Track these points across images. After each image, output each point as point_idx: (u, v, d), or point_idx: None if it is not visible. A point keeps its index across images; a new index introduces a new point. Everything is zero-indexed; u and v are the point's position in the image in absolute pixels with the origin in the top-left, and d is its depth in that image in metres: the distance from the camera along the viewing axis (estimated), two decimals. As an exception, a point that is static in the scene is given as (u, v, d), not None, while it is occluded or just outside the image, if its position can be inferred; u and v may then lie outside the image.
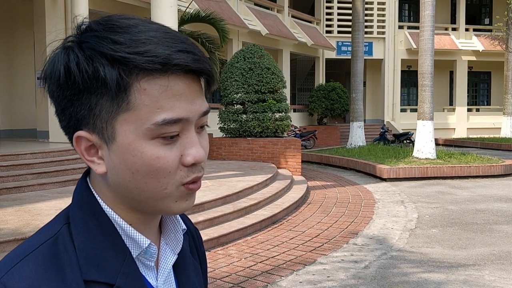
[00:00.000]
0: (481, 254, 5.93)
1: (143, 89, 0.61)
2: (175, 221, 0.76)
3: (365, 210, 8.43)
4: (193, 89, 0.65)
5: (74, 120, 0.65)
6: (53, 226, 0.67)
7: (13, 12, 13.74)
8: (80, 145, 0.66)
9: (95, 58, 0.61)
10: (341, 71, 26.76)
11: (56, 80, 0.64)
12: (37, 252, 0.63)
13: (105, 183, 0.68)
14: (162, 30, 0.64)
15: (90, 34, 0.63)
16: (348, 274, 5.14)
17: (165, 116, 0.62)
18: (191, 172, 0.66)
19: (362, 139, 18.19)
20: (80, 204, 0.67)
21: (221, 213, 6.71)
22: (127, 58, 0.60)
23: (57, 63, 0.64)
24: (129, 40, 0.61)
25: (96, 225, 0.66)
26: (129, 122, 0.62)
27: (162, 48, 0.61)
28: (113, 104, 0.62)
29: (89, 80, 0.61)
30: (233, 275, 5.01)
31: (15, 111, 13.96)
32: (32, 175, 7.66)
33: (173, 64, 0.61)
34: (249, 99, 12.46)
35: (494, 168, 12.67)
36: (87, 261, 0.63)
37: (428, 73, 13.89)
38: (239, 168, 10.61)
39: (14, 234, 4.74)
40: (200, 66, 0.64)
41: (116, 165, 0.64)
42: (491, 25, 27.03)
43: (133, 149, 0.63)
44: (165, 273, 0.73)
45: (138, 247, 0.68)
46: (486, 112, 27.58)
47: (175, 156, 0.64)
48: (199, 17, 11.92)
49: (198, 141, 0.66)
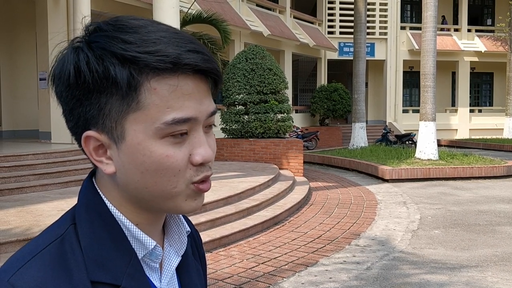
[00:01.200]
0: (483, 255, 5.91)
1: (153, 88, 0.62)
2: (179, 222, 0.76)
3: (367, 211, 8.42)
4: (201, 89, 0.65)
5: (83, 120, 0.65)
6: (59, 227, 0.67)
7: (16, 13, 13.77)
8: (88, 145, 0.66)
9: (105, 57, 0.61)
10: (343, 72, 26.74)
11: (65, 80, 0.64)
12: (44, 252, 0.63)
13: (113, 183, 0.68)
14: (171, 31, 0.64)
15: (100, 34, 0.63)
16: (350, 275, 5.14)
17: (174, 116, 0.62)
18: (200, 172, 0.66)
19: (364, 140, 18.17)
20: (86, 205, 0.67)
21: (223, 214, 6.71)
22: (138, 57, 0.61)
23: (66, 63, 0.64)
24: (139, 40, 0.61)
25: (102, 226, 0.66)
26: (139, 121, 0.62)
27: (172, 48, 0.62)
28: (123, 103, 0.62)
29: (99, 79, 0.61)
30: (235, 276, 5.00)
31: (18, 112, 13.99)
32: (34, 176, 7.67)
33: (183, 63, 0.62)
34: (251, 100, 12.46)
35: (496, 169, 12.64)
36: (94, 262, 0.63)
37: (430, 74, 13.87)
38: (241, 169, 10.60)
39: (16, 235, 4.74)
40: (209, 66, 0.64)
41: (125, 165, 0.64)
42: (493, 26, 26.98)
43: (142, 148, 0.63)
44: (169, 274, 0.73)
45: (144, 249, 0.68)
46: (489, 113, 27.53)
47: (184, 155, 0.64)
48: (201, 18, 11.93)
49: (206, 141, 0.66)
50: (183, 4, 13.08)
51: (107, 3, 11.96)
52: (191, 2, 13.07)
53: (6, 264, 0.63)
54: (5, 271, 0.62)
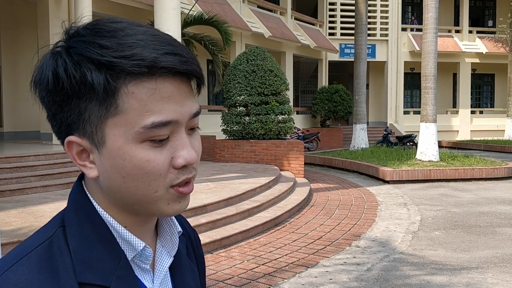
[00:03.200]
0: (484, 256, 5.91)
1: (131, 92, 0.61)
2: (171, 223, 0.76)
3: (368, 213, 8.42)
4: (182, 90, 0.64)
5: (65, 125, 0.65)
6: (48, 229, 0.67)
7: (17, 15, 13.80)
8: (71, 149, 0.66)
9: (82, 63, 0.61)
10: (344, 73, 26.75)
11: (45, 85, 0.64)
12: (32, 254, 0.63)
13: (98, 187, 0.68)
14: (149, 33, 0.63)
15: (77, 39, 0.63)
16: (351, 276, 5.14)
17: (154, 119, 0.61)
18: (181, 174, 0.65)
19: (365, 141, 18.17)
20: (75, 207, 0.68)
21: (223, 215, 6.72)
22: (114, 62, 0.60)
23: (45, 68, 0.64)
24: (116, 44, 0.61)
25: (91, 228, 0.66)
26: (118, 126, 0.62)
27: (148, 51, 0.61)
28: (101, 108, 0.62)
29: (77, 85, 0.61)
30: (236, 277, 5.01)
31: (19, 113, 14.02)
32: (35, 177, 7.69)
33: (160, 67, 0.61)
34: (252, 101, 12.47)
35: (497, 170, 12.63)
36: (82, 264, 0.63)
37: (431, 75, 13.87)
38: (242, 170, 10.61)
39: (17, 236, 4.75)
40: (187, 68, 0.63)
41: (107, 169, 0.64)
42: (494, 27, 26.98)
43: (123, 153, 0.63)
44: (161, 275, 0.73)
45: (133, 250, 0.68)
46: (490, 114, 27.51)
47: (165, 158, 0.64)
48: (202, 19, 11.96)
49: (189, 143, 0.66)
50: (184, 6, 13.11)
51: (108, 4, 11.98)
52: (192, 3, 13.10)
53: None
54: None
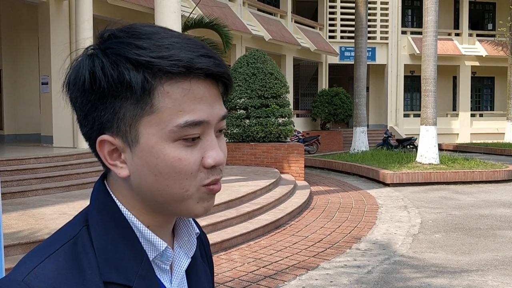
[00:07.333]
0: (484, 259, 5.91)
1: (166, 92, 0.63)
2: (188, 224, 0.77)
3: (368, 215, 8.43)
4: (212, 93, 0.67)
5: (98, 124, 0.66)
6: (72, 228, 0.68)
7: (18, 18, 13.83)
8: (103, 149, 0.67)
9: (120, 63, 0.63)
10: (344, 76, 26.77)
11: (80, 85, 0.65)
12: (59, 253, 0.64)
13: (126, 186, 0.69)
14: (183, 37, 0.66)
15: (114, 41, 0.65)
16: (351, 279, 5.14)
17: (187, 118, 0.64)
18: (211, 174, 0.67)
19: (365, 144, 18.17)
20: (99, 207, 0.69)
21: (224, 218, 6.72)
22: (152, 62, 0.62)
23: (82, 69, 0.65)
24: (153, 46, 0.63)
25: (115, 228, 0.67)
26: (152, 124, 0.64)
27: (185, 53, 0.63)
28: (137, 107, 0.64)
29: (114, 84, 0.63)
30: (236, 279, 5.01)
31: (20, 116, 14.04)
32: (36, 180, 7.69)
33: (196, 67, 0.63)
34: (252, 104, 12.49)
35: (497, 173, 12.64)
36: (106, 263, 0.65)
37: (431, 78, 13.89)
38: (242, 173, 10.61)
39: (18, 238, 4.76)
40: (220, 70, 0.66)
41: (139, 168, 0.66)
42: (494, 31, 27.01)
43: (156, 151, 0.64)
44: (179, 276, 0.74)
45: (155, 250, 0.69)
46: (490, 117, 27.52)
47: (196, 158, 0.66)
48: (203, 23, 11.98)
49: (217, 144, 0.68)
50: (185, 9, 13.14)
51: (109, 8, 12.01)
52: (192, 6, 13.13)
53: (20, 263, 0.65)
54: (20, 270, 0.63)
